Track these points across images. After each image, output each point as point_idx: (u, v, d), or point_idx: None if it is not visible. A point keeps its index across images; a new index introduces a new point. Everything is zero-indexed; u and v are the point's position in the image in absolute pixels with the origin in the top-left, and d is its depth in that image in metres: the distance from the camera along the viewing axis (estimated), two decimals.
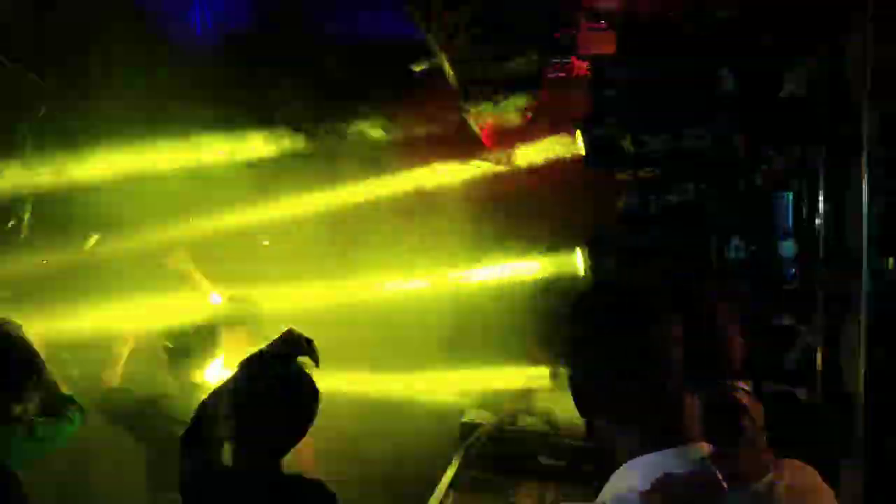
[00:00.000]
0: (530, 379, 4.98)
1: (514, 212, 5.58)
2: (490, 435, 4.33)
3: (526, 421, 4.42)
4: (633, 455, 1.45)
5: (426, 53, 4.11)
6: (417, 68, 4.17)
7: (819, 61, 3.07)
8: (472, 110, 4.61)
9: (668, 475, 1.39)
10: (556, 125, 5.09)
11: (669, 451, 1.42)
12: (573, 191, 4.82)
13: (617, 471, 1.46)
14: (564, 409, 4.47)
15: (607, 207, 3.75)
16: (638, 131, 3.33)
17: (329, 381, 2.54)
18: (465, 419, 4.49)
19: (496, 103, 4.31)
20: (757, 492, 1.42)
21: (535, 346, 4.95)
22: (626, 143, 3.16)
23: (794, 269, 3.17)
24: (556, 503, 3.85)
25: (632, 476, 1.42)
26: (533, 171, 5.32)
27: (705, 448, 1.44)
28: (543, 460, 4.20)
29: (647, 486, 1.38)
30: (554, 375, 4.73)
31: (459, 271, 5.49)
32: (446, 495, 3.89)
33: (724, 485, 1.38)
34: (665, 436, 1.43)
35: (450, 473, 4.07)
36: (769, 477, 1.44)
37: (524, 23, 3.97)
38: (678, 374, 1.45)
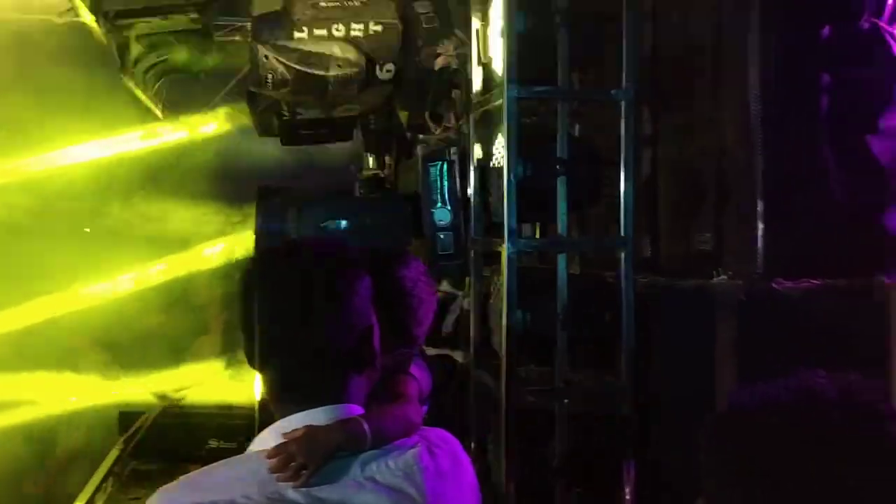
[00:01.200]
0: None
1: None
2: (154, 422, 4.07)
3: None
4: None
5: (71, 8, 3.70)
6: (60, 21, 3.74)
7: (469, 35, 3.18)
8: (133, 73, 4.27)
9: (307, 427, 1.38)
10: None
11: (317, 410, 1.41)
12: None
13: (261, 433, 1.43)
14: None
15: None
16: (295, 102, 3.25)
17: None
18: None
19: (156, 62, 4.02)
20: (401, 455, 1.45)
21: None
22: (283, 113, 3.07)
23: (449, 235, 3.27)
24: None
25: (271, 434, 1.40)
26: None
27: (354, 409, 1.43)
28: (213, 443, 4.04)
29: (280, 440, 1.37)
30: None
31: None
32: (101, 489, 3.59)
33: (358, 432, 1.40)
34: (317, 397, 1.42)
35: (105, 466, 3.75)
36: (415, 443, 1.48)
37: None
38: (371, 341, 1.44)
